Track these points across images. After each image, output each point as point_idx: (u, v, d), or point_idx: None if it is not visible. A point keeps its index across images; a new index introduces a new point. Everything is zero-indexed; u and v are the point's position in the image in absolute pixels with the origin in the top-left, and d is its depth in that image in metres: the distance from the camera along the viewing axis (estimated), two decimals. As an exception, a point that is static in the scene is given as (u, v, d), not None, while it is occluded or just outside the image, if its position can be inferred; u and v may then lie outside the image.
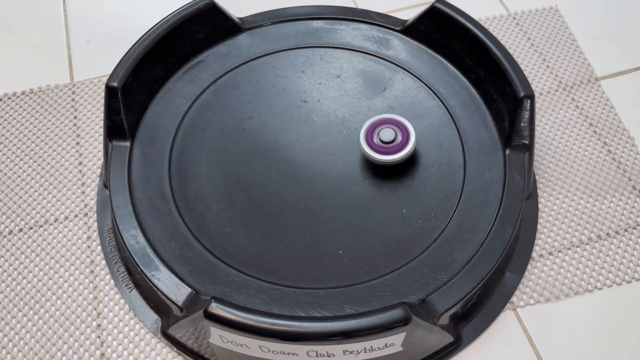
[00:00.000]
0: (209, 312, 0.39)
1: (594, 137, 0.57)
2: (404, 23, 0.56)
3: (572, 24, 0.65)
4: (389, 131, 0.47)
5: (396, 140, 0.47)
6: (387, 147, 0.47)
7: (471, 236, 0.45)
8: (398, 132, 0.47)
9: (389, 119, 0.48)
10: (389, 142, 0.47)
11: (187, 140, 0.50)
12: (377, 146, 0.47)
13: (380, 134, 0.47)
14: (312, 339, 0.39)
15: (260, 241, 0.45)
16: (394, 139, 0.47)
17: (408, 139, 0.47)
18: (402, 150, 0.47)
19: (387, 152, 0.47)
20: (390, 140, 0.47)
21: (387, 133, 0.47)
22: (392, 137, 0.47)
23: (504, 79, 0.49)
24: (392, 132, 0.47)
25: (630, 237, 0.51)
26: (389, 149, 0.47)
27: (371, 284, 0.43)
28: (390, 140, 0.47)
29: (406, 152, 0.46)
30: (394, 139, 0.47)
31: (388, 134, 0.47)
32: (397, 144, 0.47)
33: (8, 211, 0.53)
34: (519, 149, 0.48)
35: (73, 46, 0.64)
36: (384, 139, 0.47)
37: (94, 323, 0.47)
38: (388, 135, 0.47)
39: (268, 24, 0.57)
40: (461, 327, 0.46)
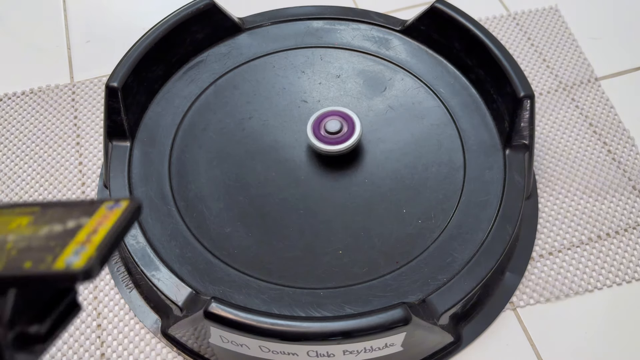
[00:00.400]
0: (209, 312, 0.39)
1: (594, 137, 0.57)
2: (404, 23, 0.56)
3: (572, 24, 0.65)
4: (334, 122, 0.48)
5: (342, 130, 0.48)
6: (333, 138, 0.47)
7: (471, 236, 0.45)
8: (344, 123, 0.48)
9: (336, 111, 0.49)
10: (335, 132, 0.47)
11: (187, 140, 0.50)
12: (323, 137, 0.48)
13: (327, 125, 0.48)
14: (312, 339, 0.39)
15: (260, 241, 0.45)
16: (340, 129, 0.48)
17: (353, 129, 0.48)
18: (348, 141, 0.47)
19: (333, 142, 0.47)
20: (336, 131, 0.47)
21: (333, 124, 0.48)
22: (337, 128, 0.47)
23: (504, 79, 0.49)
24: (338, 123, 0.48)
25: (630, 237, 0.51)
26: (334, 139, 0.47)
27: (371, 284, 0.43)
28: (336, 130, 0.47)
29: (351, 142, 0.47)
30: (339, 130, 0.48)
31: (334, 125, 0.48)
32: (343, 135, 0.47)
33: (8, 211, 0.52)
34: (519, 149, 0.48)
35: (73, 46, 0.64)
36: (329, 129, 0.47)
37: (94, 323, 0.47)
38: (334, 126, 0.48)
39: (268, 24, 0.57)
40: (461, 327, 0.46)
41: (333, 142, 0.47)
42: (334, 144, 0.47)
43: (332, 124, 0.48)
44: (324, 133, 0.48)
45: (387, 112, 0.52)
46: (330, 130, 0.48)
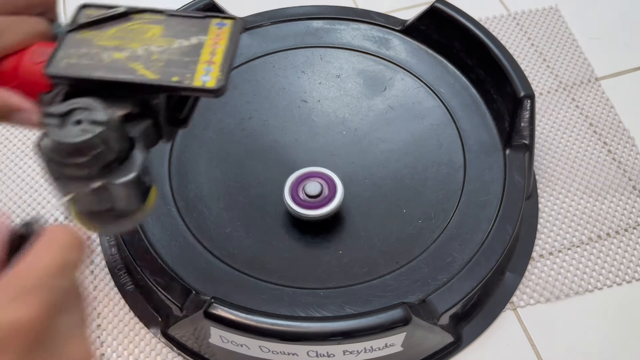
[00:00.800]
0: (209, 312, 0.39)
1: (594, 137, 0.57)
2: (404, 23, 0.56)
3: (572, 24, 0.65)
4: (314, 184, 0.44)
5: (322, 193, 0.44)
6: (312, 202, 0.44)
7: (471, 236, 0.45)
8: (325, 185, 0.44)
9: (315, 172, 0.45)
10: (315, 196, 0.44)
11: (187, 140, 0.50)
12: (301, 200, 0.44)
13: (306, 188, 0.44)
14: (312, 339, 0.39)
15: (260, 241, 0.45)
16: (320, 192, 0.44)
17: (335, 192, 0.44)
18: (329, 205, 0.44)
19: (313, 207, 0.44)
20: (316, 195, 0.44)
21: (312, 186, 0.44)
22: (317, 191, 0.44)
23: (504, 79, 0.49)
24: (319, 185, 0.44)
25: (630, 237, 0.51)
26: (314, 203, 0.44)
27: (371, 284, 0.43)
28: (316, 194, 0.44)
29: (333, 206, 0.44)
30: (319, 193, 0.44)
31: (314, 188, 0.44)
32: (324, 198, 0.44)
33: (8, 211, 0.53)
34: (519, 149, 0.48)
35: (73, 46, 0.64)
36: (309, 192, 0.44)
37: (93, 323, 0.47)
38: (314, 189, 0.44)
39: (268, 24, 0.57)
40: (461, 327, 0.46)
41: (312, 206, 0.44)
42: (314, 208, 0.44)
43: (312, 186, 0.44)
44: (302, 197, 0.44)
45: (387, 112, 0.52)
46: (310, 194, 0.44)
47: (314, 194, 0.44)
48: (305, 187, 0.44)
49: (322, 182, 0.45)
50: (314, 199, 0.44)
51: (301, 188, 0.45)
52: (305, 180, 0.45)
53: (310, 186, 0.44)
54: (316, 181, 0.45)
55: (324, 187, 0.44)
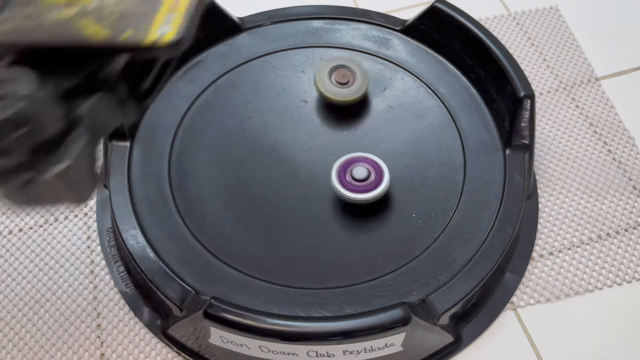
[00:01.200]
0: (209, 312, 0.39)
1: (594, 137, 0.57)
2: (404, 23, 0.56)
3: (572, 24, 0.65)
4: (362, 169, 0.45)
5: (369, 178, 0.45)
6: (359, 185, 0.45)
7: (471, 236, 0.45)
8: (371, 170, 0.46)
9: (362, 157, 0.46)
10: (362, 179, 0.45)
11: (187, 140, 0.50)
12: (349, 184, 0.45)
13: (353, 172, 0.45)
14: (312, 339, 0.39)
15: (260, 241, 0.45)
16: (367, 176, 0.45)
17: (382, 177, 0.45)
18: (376, 189, 0.45)
19: (360, 190, 0.45)
20: (363, 178, 0.45)
21: (360, 170, 0.45)
22: (365, 175, 0.45)
23: (504, 79, 0.49)
24: (366, 170, 0.45)
25: (631, 237, 0.51)
26: (361, 187, 0.45)
27: (371, 284, 0.43)
28: (364, 178, 0.45)
29: (380, 190, 0.45)
30: (367, 177, 0.45)
31: (361, 172, 0.45)
32: (371, 182, 0.45)
33: (8, 211, 0.53)
34: (519, 149, 0.48)
35: (73, 46, 0.64)
36: (356, 176, 0.45)
37: (93, 323, 0.47)
38: (361, 173, 0.45)
39: (268, 24, 0.57)
40: (461, 327, 0.46)
41: (360, 189, 0.45)
42: (361, 191, 0.45)
43: (359, 170, 0.45)
44: (349, 180, 0.45)
45: (387, 112, 0.52)
46: (358, 177, 0.45)
47: (362, 177, 0.45)
48: (353, 171, 0.46)
49: (368, 166, 0.46)
50: (361, 183, 0.45)
51: (348, 172, 0.46)
52: (352, 165, 0.46)
53: (358, 170, 0.45)
54: (363, 166, 0.46)
55: (370, 171, 0.46)
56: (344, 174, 0.46)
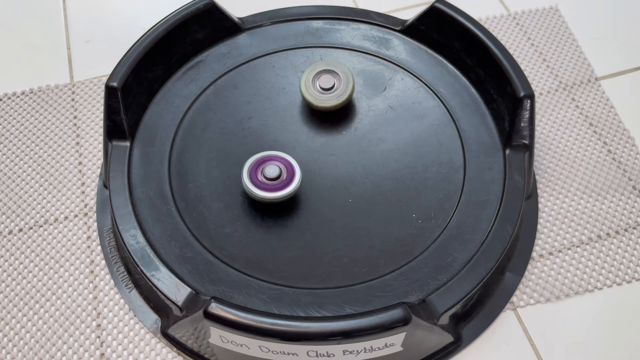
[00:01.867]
0: (209, 312, 0.39)
1: (594, 137, 0.57)
2: (404, 23, 0.56)
3: (572, 24, 0.65)
4: (273, 167, 0.45)
5: (281, 177, 0.45)
6: (271, 184, 0.45)
7: (471, 236, 0.45)
8: (283, 168, 0.46)
9: (274, 156, 0.46)
10: (273, 178, 0.45)
11: (187, 140, 0.50)
12: (260, 182, 0.45)
13: (265, 170, 0.45)
14: (312, 339, 0.39)
15: (260, 241, 0.45)
16: (279, 175, 0.45)
17: (293, 175, 0.45)
18: (287, 187, 0.45)
19: (271, 189, 0.45)
20: (274, 177, 0.45)
21: (271, 169, 0.45)
22: (276, 174, 0.45)
23: (504, 79, 0.49)
24: (277, 168, 0.45)
25: (630, 237, 0.51)
26: (273, 186, 0.45)
27: (371, 284, 0.43)
28: (275, 177, 0.45)
29: (291, 189, 0.45)
30: (278, 176, 0.45)
31: (272, 170, 0.45)
32: (282, 181, 0.45)
33: (8, 211, 0.53)
34: (519, 149, 0.48)
35: (73, 46, 0.64)
36: (268, 175, 0.45)
37: (93, 323, 0.47)
38: (272, 172, 0.45)
39: (268, 24, 0.57)
40: (461, 327, 0.46)
41: (271, 188, 0.45)
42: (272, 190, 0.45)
43: (270, 169, 0.45)
44: (261, 178, 0.45)
45: (387, 112, 0.52)
46: (269, 177, 0.45)
47: (273, 176, 0.45)
48: (264, 169, 0.45)
49: (280, 165, 0.46)
50: (272, 182, 0.45)
51: (260, 171, 0.46)
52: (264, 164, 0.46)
53: (269, 169, 0.45)
54: (274, 164, 0.46)
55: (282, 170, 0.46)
56: (255, 173, 0.45)
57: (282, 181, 0.45)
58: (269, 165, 0.46)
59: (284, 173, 0.45)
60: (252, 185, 0.45)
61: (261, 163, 0.46)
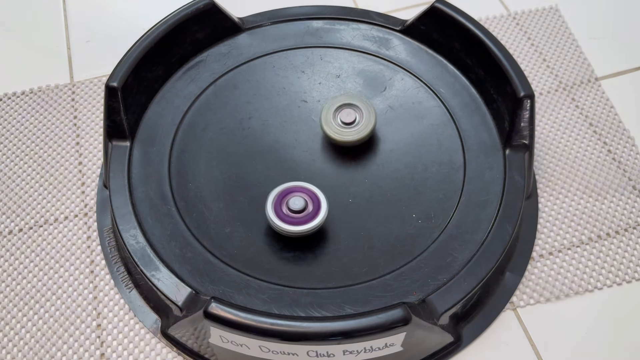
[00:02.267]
0: (209, 312, 0.39)
1: (594, 137, 0.57)
2: (404, 23, 0.56)
3: (572, 24, 0.65)
4: (298, 200, 0.43)
5: (307, 209, 0.44)
6: (296, 217, 0.43)
7: (471, 236, 0.45)
8: (309, 200, 0.44)
9: (298, 187, 0.45)
10: (299, 211, 0.43)
11: (187, 140, 0.50)
12: (285, 215, 0.43)
13: (289, 203, 0.44)
14: (312, 339, 0.39)
15: (260, 241, 0.45)
16: (304, 207, 0.43)
17: (319, 208, 0.44)
18: (313, 220, 0.43)
19: (296, 222, 0.43)
20: (300, 210, 0.43)
21: (297, 202, 0.43)
22: (302, 206, 0.43)
23: (504, 79, 0.49)
24: (302, 200, 0.43)
25: (630, 237, 0.51)
26: (298, 219, 0.43)
27: (371, 284, 0.43)
28: (300, 209, 0.43)
29: (317, 222, 0.43)
30: (304, 208, 0.43)
31: (298, 203, 0.43)
32: (308, 214, 0.43)
33: (8, 211, 0.53)
34: (519, 149, 0.48)
35: (73, 46, 0.64)
36: (293, 207, 0.43)
37: (93, 323, 0.47)
38: (298, 204, 0.43)
39: (268, 24, 0.57)
40: (461, 327, 0.46)
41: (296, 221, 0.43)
42: (297, 224, 0.43)
43: (296, 201, 0.43)
44: (285, 211, 0.44)
45: (387, 112, 0.52)
46: (294, 209, 0.43)
47: (298, 209, 0.43)
48: (289, 202, 0.44)
49: (305, 197, 0.44)
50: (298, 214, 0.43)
51: (284, 203, 0.44)
52: (288, 195, 0.44)
53: (295, 201, 0.43)
54: (299, 196, 0.44)
55: (307, 202, 0.44)
56: (279, 205, 0.43)
57: (307, 214, 0.43)
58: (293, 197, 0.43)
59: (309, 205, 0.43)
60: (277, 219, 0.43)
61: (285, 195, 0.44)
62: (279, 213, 0.44)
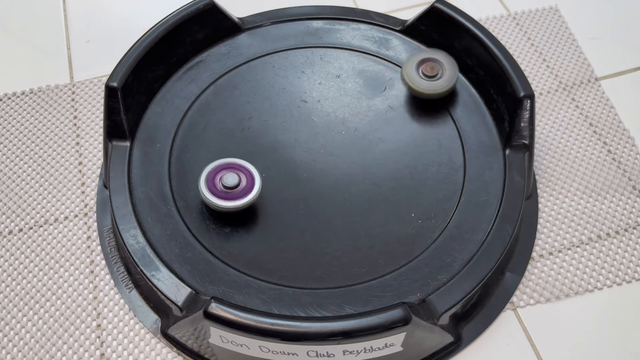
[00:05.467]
0: (209, 312, 0.39)
1: (594, 137, 0.57)
2: (404, 23, 0.56)
3: (572, 24, 0.65)
4: (232, 176, 0.45)
5: (240, 185, 0.45)
6: (229, 193, 0.44)
7: (471, 236, 0.45)
8: (242, 176, 0.45)
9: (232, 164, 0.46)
10: (232, 187, 0.44)
11: (187, 140, 0.50)
12: (219, 191, 0.45)
13: (223, 179, 0.45)
14: (312, 339, 0.39)
15: (260, 241, 0.45)
16: (238, 184, 0.45)
17: (253, 184, 0.45)
18: (246, 197, 0.44)
19: (229, 198, 0.44)
20: (233, 186, 0.44)
21: (230, 178, 0.44)
22: (235, 182, 0.44)
23: (504, 79, 0.49)
24: (236, 176, 0.45)
25: (630, 237, 0.51)
26: (231, 195, 0.44)
27: (371, 284, 0.43)
28: (234, 185, 0.44)
29: (250, 198, 0.44)
30: (237, 184, 0.45)
31: (231, 179, 0.44)
32: (242, 190, 0.45)
33: (8, 211, 0.53)
34: (519, 149, 0.48)
35: (73, 46, 0.64)
36: (226, 184, 0.44)
37: (93, 323, 0.47)
38: (231, 180, 0.44)
39: (268, 24, 0.57)
40: (461, 327, 0.46)
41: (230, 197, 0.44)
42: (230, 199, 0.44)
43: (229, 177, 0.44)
44: (220, 187, 0.45)
45: (387, 112, 0.52)
46: (228, 185, 0.44)
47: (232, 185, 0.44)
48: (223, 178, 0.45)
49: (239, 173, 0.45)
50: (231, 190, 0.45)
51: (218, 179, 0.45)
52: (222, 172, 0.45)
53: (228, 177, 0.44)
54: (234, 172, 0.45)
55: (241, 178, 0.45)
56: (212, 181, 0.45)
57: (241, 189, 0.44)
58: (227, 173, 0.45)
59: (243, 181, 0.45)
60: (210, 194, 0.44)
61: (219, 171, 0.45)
62: (212, 189, 0.45)
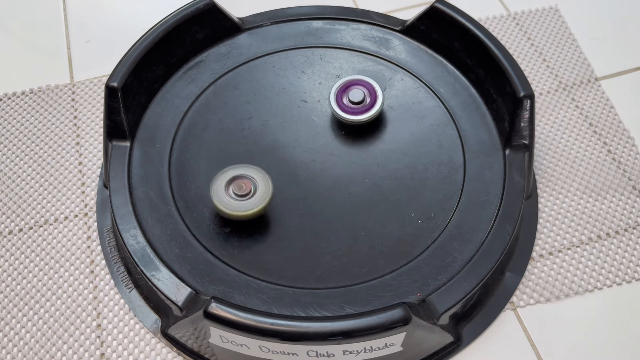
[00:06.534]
0: (209, 312, 0.39)
1: (594, 137, 0.57)
2: (404, 23, 0.56)
3: (572, 24, 0.65)
4: (358, 92, 0.49)
5: (364, 101, 0.49)
6: (356, 108, 0.49)
7: (471, 236, 0.45)
8: (367, 93, 0.50)
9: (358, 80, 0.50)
10: (358, 102, 0.49)
11: (187, 140, 0.50)
12: (346, 107, 0.49)
13: (350, 95, 0.49)
14: (312, 339, 0.39)
15: (260, 241, 0.45)
16: (363, 99, 0.49)
17: (376, 99, 0.49)
18: (370, 111, 0.49)
19: (356, 113, 0.49)
20: (359, 101, 0.49)
21: (356, 94, 0.49)
22: (360, 98, 0.49)
23: (504, 79, 0.49)
24: (361, 92, 0.49)
25: (630, 237, 0.51)
26: (357, 110, 0.49)
27: (371, 284, 0.43)
28: (359, 100, 0.49)
29: (374, 112, 0.49)
30: (362, 100, 0.49)
31: (357, 95, 0.49)
32: (366, 105, 0.49)
33: (8, 211, 0.53)
34: (519, 149, 0.48)
35: (73, 46, 0.64)
36: (353, 99, 0.49)
37: (93, 323, 0.47)
38: (357, 96, 0.49)
39: (268, 24, 0.57)
40: (461, 327, 0.46)
41: (356, 112, 0.49)
42: (356, 113, 0.49)
43: (355, 93, 0.49)
44: (347, 103, 0.49)
45: (387, 112, 0.52)
46: (354, 100, 0.49)
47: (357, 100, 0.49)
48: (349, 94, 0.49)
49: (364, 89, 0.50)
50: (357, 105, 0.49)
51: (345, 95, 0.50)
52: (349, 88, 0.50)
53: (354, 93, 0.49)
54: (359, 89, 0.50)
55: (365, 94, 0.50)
56: (341, 98, 0.50)
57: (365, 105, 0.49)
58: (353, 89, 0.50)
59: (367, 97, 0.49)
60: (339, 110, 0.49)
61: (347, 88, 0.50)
62: (341, 104, 0.49)
